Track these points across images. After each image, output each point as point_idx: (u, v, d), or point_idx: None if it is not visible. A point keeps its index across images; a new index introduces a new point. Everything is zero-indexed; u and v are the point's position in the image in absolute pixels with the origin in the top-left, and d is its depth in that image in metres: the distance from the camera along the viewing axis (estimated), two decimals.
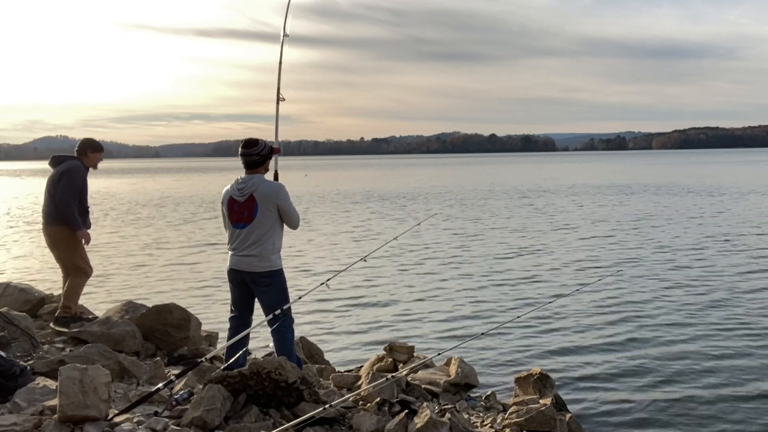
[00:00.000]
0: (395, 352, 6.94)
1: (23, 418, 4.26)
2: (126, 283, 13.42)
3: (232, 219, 5.53)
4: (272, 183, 5.58)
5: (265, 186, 5.47)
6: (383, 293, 12.12)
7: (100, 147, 7.19)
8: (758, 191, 36.53)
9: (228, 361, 5.39)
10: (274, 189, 5.48)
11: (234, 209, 5.50)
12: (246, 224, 5.45)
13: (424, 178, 66.13)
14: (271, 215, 5.45)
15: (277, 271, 5.53)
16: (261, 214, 5.41)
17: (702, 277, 12.96)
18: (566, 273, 13.75)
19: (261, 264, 5.44)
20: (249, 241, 5.44)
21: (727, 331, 9.19)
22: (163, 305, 7.04)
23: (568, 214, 26.29)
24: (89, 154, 7.06)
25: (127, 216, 29.53)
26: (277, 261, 5.54)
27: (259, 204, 5.41)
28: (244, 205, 5.45)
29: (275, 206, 5.45)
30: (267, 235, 5.44)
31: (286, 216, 5.51)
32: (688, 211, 26.57)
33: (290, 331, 5.62)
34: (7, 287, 7.83)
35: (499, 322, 8.76)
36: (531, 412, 5.31)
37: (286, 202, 5.49)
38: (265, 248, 5.44)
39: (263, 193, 5.43)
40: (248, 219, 5.44)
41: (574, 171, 78.10)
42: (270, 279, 5.49)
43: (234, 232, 5.53)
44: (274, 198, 5.44)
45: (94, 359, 5.43)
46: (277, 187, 5.52)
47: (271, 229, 5.46)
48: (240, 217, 5.48)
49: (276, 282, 5.52)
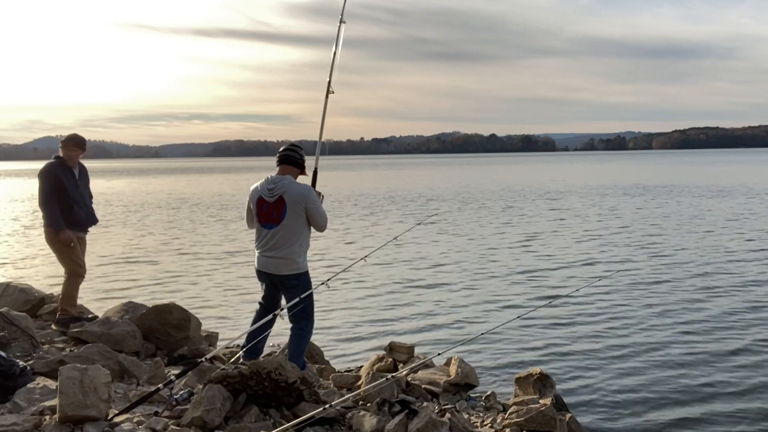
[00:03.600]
0: (395, 352, 6.94)
1: (23, 418, 4.26)
2: (126, 283, 13.41)
3: (260, 219, 5.65)
4: (302, 186, 5.68)
5: (294, 188, 5.58)
6: (383, 293, 12.12)
7: (71, 142, 7.06)
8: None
9: (246, 346, 5.67)
10: (304, 192, 5.60)
11: (263, 209, 5.61)
12: (274, 225, 5.57)
13: (424, 179, 66.12)
14: (300, 218, 5.56)
15: (303, 274, 5.69)
16: (289, 216, 5.53)
17: (703, 277, 12.96)
18: (567, 273, 13.75)
19: (288, 266, 5.60)
20: (276, 242, 5.58)
21: (729, 331, 9.19)
22: (163, 305, 7.04)
23: (568, 215, 26.29)
24: (62, 151, 7.06)
25: (127, 216, 29.52)
26: (303, 263, 5.69)
27: (288, 206, 5.52)
28: (273, 206, 5.56)
29: (304, 209, 5.56)
30: (294, 237, 5.57)
31: (314, 219, 5.63)
32: (691, 212, 26.56)
33: (309, 333, 5.83)
34: (7, 287, 7.83)
35: (499, 322, 8.76)
36: (531, 412, 5.31)
37: (315, 205, 5.61)
38: (292, 250, 5.57)
39: (293, 195, 5.54)
40: (277, 220, 5.55)
41: (575, 171, 78.09)
42: (297, 281, 5.65)
43: (262, 231, 5.66)
44: (303, 201, 5.55)
45: (94, 359, 5.42)
46: (307, 190, 5.64)
47: (299, 231, 5.59)
48: (269, 218, 5.59)
49: (302, 284, 5.68)
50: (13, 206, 36.67)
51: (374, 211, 29.58)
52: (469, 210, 29.38)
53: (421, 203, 33.99)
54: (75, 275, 7.05)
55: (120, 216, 29.46)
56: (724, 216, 24.14)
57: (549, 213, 27.13)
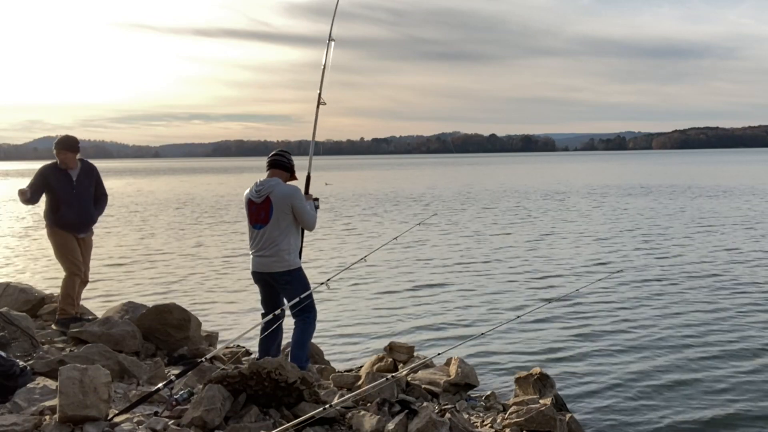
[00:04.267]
0: (395, 352, 6.94)
1: (23, 418, 4.26)
2: (126, 283, 13.42)
3: (251, 220, 5.85)
4: (287, 186, 5.85)
5: (280, 188, 5.77)
6: (383, 293, 12.12)
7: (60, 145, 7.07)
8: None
9: (261, 355, 5.85)
10: (289, 192, 5.78)
11: (252, 210, 5.82)
12: (263, 225, 5.77)
13: (424, 179, 66.11)
14: (286, 217, 5.75)
15: (295, 270, 5.85)
16: (276, 215, 5.73)
17: (704, 277, 12.95)
18: (567, 273, 13.75)
19: (278, 264, 5.77)
20: (266, 241, 5.76)
21: (730, 332, 9.18)
22: (163, 305, 7.05)
23: (568, 215, 26.29)
24: (55, 154, 7.12)
25: (127, 216, 29.52)
26: (295, 260, 5.86)
27: (274, 205, 5.72)
28: (261, 207, 5.76)
29: (290, 208, 5.74)
30: (282, 236, 5.74)
31: (301, 218, 5.81)
32: (691, 212, 26.56)
33: (312, 324, 5.94)
34: (7, 287, 7.84)
35: (499, 322, 8.77)
36: (531, 412, 5.31)
37: (301, 204, 5.78)
38: (280, 248, 5.75)
39: (278, 195, 5.72)
40: (264, 220, 5.75)
41: (575, 171, 78.09)
42: (289, 277, 5.82)
43: (253, 232, 5.87)
44: (289, 200, 5.73)
45: (94, 359, 5.43)
46: (292, 190, 5.82)
47: (286, 229, 5.76)
48: (258, 218, 5.80)
49: (295, 279, 5.84)
50: (13, 206, 36.65)
51: (375, 212, 29.58)
52: (469, 210, 29.37)
53: (422, 203, 33.99)
54: (69, 274, 7.06)
55: (120, 216, 29.45)
56: (726, 216, 24.14)
57: (549, 213, 27.13)
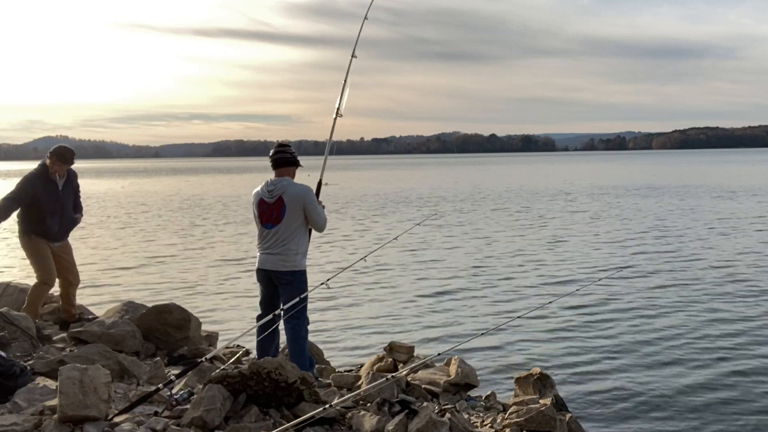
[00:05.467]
0: (395, 352, 6.93)
1: (23, 418, 4.26)
2: (126, 283, 13.42)
3: (262, 220, 5.85)
4: (300, 186, 5.85)
5: (293, 188, 5.78)
6: (383, 293, 12.12)
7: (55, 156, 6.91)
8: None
9: (259, 356, 5.80)
10: (302, 192, 5.78)
11: (264, 210, 5.82)
12: (274, 224, 5.77)
13: (425, 179, 66.11)
14: (298, 217, 5.76)
15: (299, 272, 5.83)
16: (288, 215, 5.73)
17: (705, 278, 12.95)
18: (567, 273, 13.75)
19: (285, 263, 5.76)
20: (276, 240, 5.76)
21: (731, 332, 9.18)
22: (163, 305, 7.05)
23: (569, 215, 26.30)
24: (48, 161, 6.98)
25: (127, 217, 29.52)
26: (301, 262, 5.85)
27: (287, 205, 5.72)
28: (273, 207, 5.77)
29: (302, 208, 5.75)
30: (292, 236, 5.75)
31: (312, 218, 5.81)
32: (692, 212, 26.56)
33: (304, 330, 5.90)
34: (7, 287, 7.84)
35: (500, 322, 8.77)
36: (531, 412, 5.30)
37: (313, 205, 5.79)
38: (289, 248, 5.75)
39: (291, 195, 5.73)
40: (276, 220, 5.76)
41: (575, 171, 78.08)
42: (292, 277, 5.79)
43: (263, 231, 5.85)
44: (301, 200, 5.74)
45: (94, 359, 5.43)
46: (305, 190, 5.82)
47: (297, 230, 5.78)
48: (269, 218, 5.80)
49: (296, 281, 5.81)
50: None
51: (374, 211, 29.58)
52: (469, 210, 29.38)
53: (422, 204, 33.99)
54: (42, 283, 7.00)
55: (120, 216, 29.45)
56: (728, 216, 24.13)
57: (549, 213, 27.12)
